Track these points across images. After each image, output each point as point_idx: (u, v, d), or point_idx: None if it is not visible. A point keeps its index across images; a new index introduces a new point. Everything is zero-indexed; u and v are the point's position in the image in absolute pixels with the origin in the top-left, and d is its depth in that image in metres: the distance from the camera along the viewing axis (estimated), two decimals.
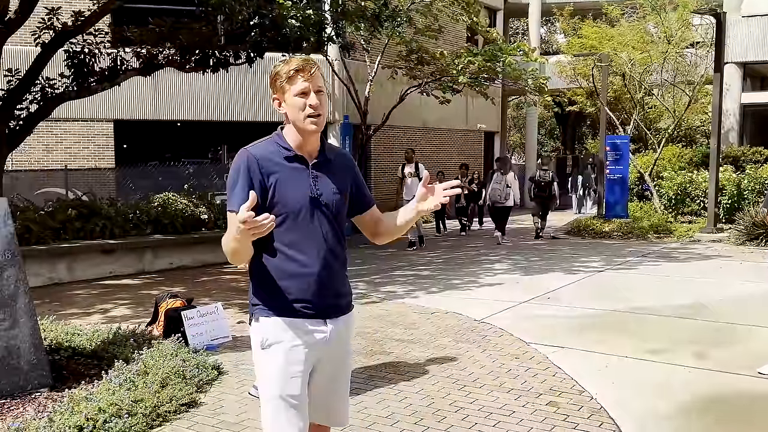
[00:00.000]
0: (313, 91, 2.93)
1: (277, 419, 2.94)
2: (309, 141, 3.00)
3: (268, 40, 12.22)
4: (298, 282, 2.95)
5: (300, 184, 2.95)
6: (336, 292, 3.05)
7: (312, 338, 2.97)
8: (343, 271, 3.09)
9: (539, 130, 40.00)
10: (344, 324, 3.10)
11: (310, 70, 2.92)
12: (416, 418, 5.05)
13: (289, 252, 2.94)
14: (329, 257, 2.99)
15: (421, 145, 25.26)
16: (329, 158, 3.06)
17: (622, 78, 22.15)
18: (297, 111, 2.93)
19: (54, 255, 11.52)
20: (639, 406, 5.27)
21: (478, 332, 7.59)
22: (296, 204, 2.93)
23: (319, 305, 2.98)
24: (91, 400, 4.90)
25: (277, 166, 2.94)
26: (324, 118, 2.98)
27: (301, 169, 2.98)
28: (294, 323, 2.95)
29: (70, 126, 19.80)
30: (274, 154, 2.96)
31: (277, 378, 2.94)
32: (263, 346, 2.98)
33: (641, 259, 13.15)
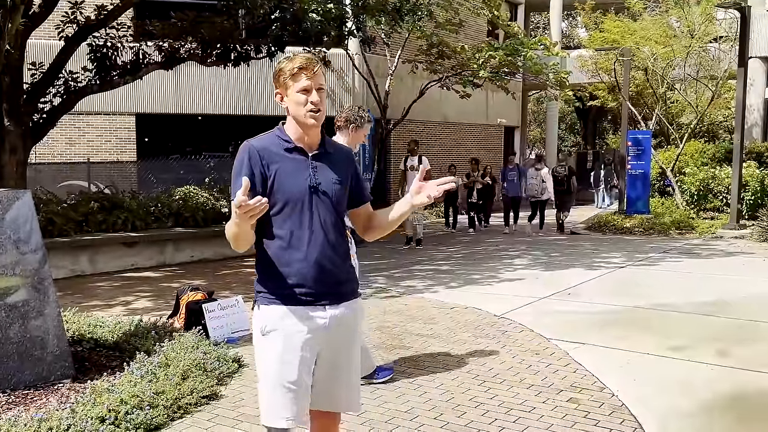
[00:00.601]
0: (314, 89, 3.05)
1: (272, 403, 3.04)
2: (309, 134, 3.12)
3: (289, 34, 12.23)
4: (297, 269, 3.04)
5: (300, 173, 3.06)
6: (336, 279, 3.11)
7: (312, 325, 3.05)
8: (343, 259, 3.16)
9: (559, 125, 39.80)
10: (346, 311, 3.15)
11: (313, 69, 3.04)
12: (436, 412, 5.05)
13: (289, 239, 3.04)
14: (328, 245, 3.07)
15: (440, 139, 25.21)
16: (329, 151, 3.18)
17: (644, 72, 22.01)
18: (298, 106, 3.05)
19: (76, 247, 11.61)
20: (661, 403, 5.23)
21: (498, 327, 7.57)
22: (296, 193, 3.04)
23: (318, 292, 3.06)
24: (113, 391, 4.93)
25: (278, 157, 3.06)
26: (323, 113, 3.09)
27: (301, 159, 3.09)
28: (294, 311, 3.04)
29: (92, 119, 19.92)
30: (275, 145, 3.09)
31: (275, 364, 3.03)
32: (263, 332, 3.08)
33: (663, 256, 13.06)
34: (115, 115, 20.19)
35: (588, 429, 4.73)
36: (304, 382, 3.06)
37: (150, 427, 4.66)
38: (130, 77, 12.53)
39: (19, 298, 5.28)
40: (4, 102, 10.87)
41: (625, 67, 20.06)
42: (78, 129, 19.91)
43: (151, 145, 20.56)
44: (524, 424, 4.80)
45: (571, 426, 4.78)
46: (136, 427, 4.59)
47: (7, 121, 10.86)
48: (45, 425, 4.36)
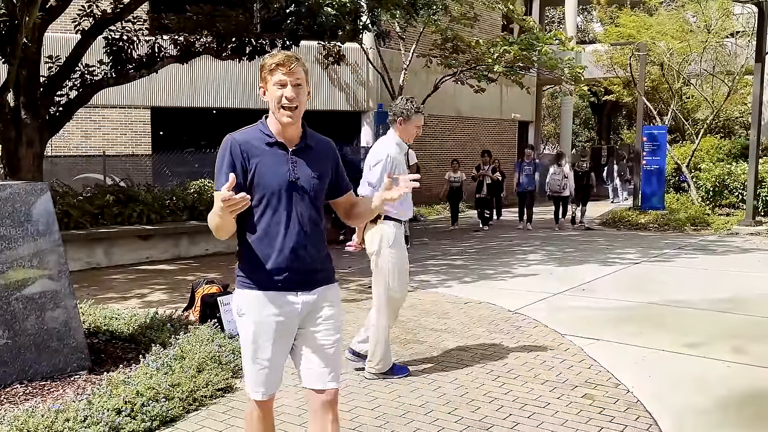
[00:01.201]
0: (290, 84, 3.16)
1: (251, 376, 3.34)
2: (287, 130, 3.24)
3: (304, 28, 12.23)
4: (274, 258, 3.21)
5: (279, 168, 3.20)
6: (310, 268, 3.28)
7: (285, 309, 3.25)
8: (318, 250, 3.33)
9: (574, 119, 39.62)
10: (319, 297, 3.33)
11: (290, 65, 3.15)
12: (450, 407, 5.04)
13: (267, 230, 3.20)
14: (304, 237, 3.24)
15: (454, 134, 25.18)
16: (310, 145, 3.31)
17: (660, 68, 21.89)
18: (275, 101, 3.19)
19: (92, 240, 11.66)
20: (676, 400, 5.20)
21: (512, 323, 7.56)
22: (274, 186, 3.18)
23: (292, 280, 3.23)
24: (129, 383, 4.95)
25: (259, 151, 3.20)
26: (301, 110, 3.22)
27: (280, 154, 3.23)
28: (267, 296, 3.23)
29: (108, 112, 20.02)
30: (256, 139, 3.24)
31: (250, 344, 3.29)
32: (239, 314, 3.33)
33: (678, 252, 13.01)
34: (131, 109, 20.28)
35: (603, 425, 4.71)
36: (277, 361, 3.31)
37: (166, 419, 4.69)
38: (145, 71, 12.58)
39: (36, 290, 5.31)
40: (22, 95, 10.93)
41: (640, 62, 19.96)
42: (94, 122, 20.01)
43: (166, 138, 20.64)
44: (539, 420, 4.79)
45: (586, 422, 4.76)
46: (152, 419, 4.61)
47: (24, 114, 10.92)
48: (62, 416, 4.38)
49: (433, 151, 24.29)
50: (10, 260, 5.20)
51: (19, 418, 4.30)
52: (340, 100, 21.76)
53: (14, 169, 10.89)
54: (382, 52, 19.84)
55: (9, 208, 5.24)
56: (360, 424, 4.74)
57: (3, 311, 5.13)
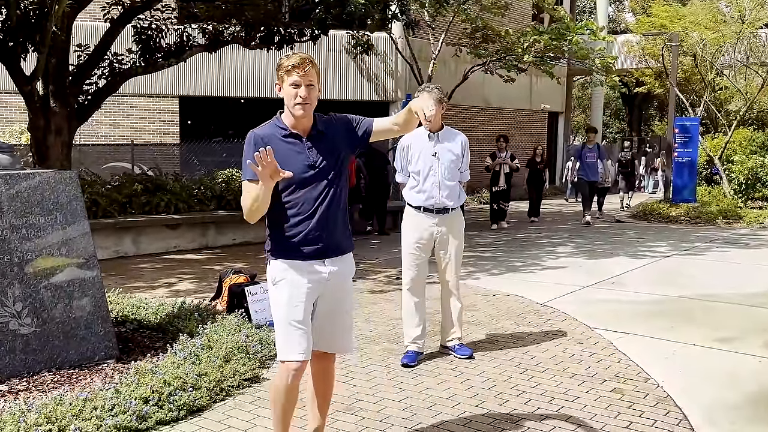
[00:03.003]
0: (304, 85, 3.58)
1: (286, 339, 3.67)
2: (300, 122, 3.67)
3: (333, 17, 12.17)
4: (300, 233, 3.65)
5: (298, 155, 3.64)
6: (332, 240, 3.72)
7: (312, 276, 3.69)
8: (340, 223, 3.76)
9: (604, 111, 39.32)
10: (342, 266, 3.80)
11: (304, 67, 3.57)
12: (477, 400, 5.00)
13: (293, 210, 3.65)
14: (325, 212, 3.67)
15: (483, 125, 25.04)
16: (321, 131, 3.72)
17: (692, 58, 21.63)
18: (290, 98, 3.61)
19: (120, 229, 11.71)
20: (706, 395, 5.14)
21: (541, 316, 7.49)
22: (296, 171, 3.57)
23: (317, 250, 3.68)
24: (157, 372, 4.96)
25: (278, 142, 3.61)
26: (312, 106, 3.63)
27: (297, 143, 3.67)
28: (296, 264, 3.68)
29: (136, 101, 20.11)
30: (274, 133, 3.67)
31: (285, 307, 3.67)
32: (274, 283, 3.74)
33: (709, 245, 12.84)
34: (159, 98, 20.36)
35: (632, 420, 4.65)
36: (308, 324, 3.69)
37: (193, 409, 4.69)
38: (174, 59, 12.59)
39: (64, 279, 5.33)
40: (51, 83, 10.99)
41: (673, 52, 19.72)
42: (122, 111, 20.12)
43: (194, 127, 20.70)
44: (567, 414, 4.74)
45: (615, 416, 4.71)
46: (180, 408, 4.61)
47: (53, 103, 10.98)
48: (90, 404, 4.40)
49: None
50: (38, 248, 5.22)
51: (48, 406, 4.31)
52: (369, 90, 21.71)
53: (43, 157, 10.96)
54: (411, 42, 19.75)
55: (38, 196, 5.26)
56: (387, 416, 4.72)
57: (32, 299, 5.16)
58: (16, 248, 5.13)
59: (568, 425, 4.58)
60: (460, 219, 6.02)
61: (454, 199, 5.87)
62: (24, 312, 5.11)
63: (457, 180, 5.91)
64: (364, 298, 8.39)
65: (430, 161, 5.79)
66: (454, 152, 5.84)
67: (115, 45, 12.14)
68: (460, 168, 5.92)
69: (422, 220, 5.85)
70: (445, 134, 5.90)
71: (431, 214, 5.82)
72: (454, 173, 5.87)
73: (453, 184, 5.85)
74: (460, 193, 5.98)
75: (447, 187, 5.80)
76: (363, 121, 3.87)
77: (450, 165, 5.82)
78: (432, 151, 5.80)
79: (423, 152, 5.82)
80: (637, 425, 4.57)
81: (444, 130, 5.91)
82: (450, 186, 5.82)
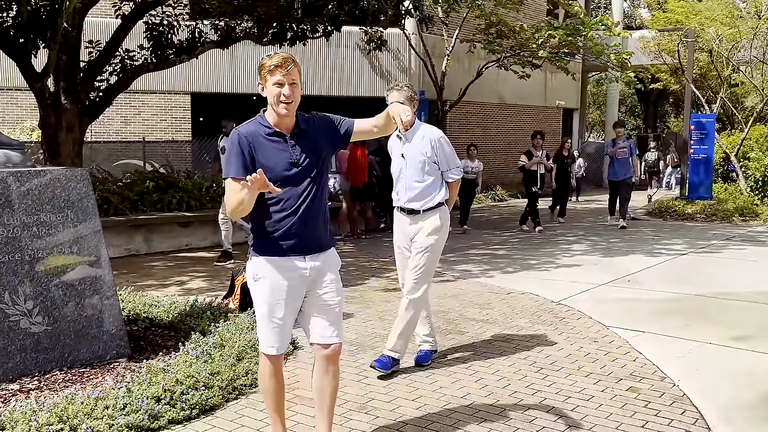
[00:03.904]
0: (287, 84, 3.67)
1: (265, 334, 3.85)
2: (284, 120, 3.76)
3: (346, 13, 12.12)
4: (282, 228, 3.75)
5: (281, 153, 3.73)
6: (314, 236, 3.83)
7: (295, 273, 3.79)
8: (323, 220, 3.88)
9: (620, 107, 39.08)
10: (324, 262, 3.88)
11: (287, 67, 3.67)
12: (492, 399, 4.96)
13: (276, 206, 3.74)
14: (307, 209, 3.78)
15: (497, 121, 24.95)
16: (304, 129, 3.82)
17: (708, 54, 21.47)
18: (274, 97, 3.69)
19: (131, 226, 11.70)
20: (723, 394, 5.10)
21: (555, 314, 7.44)
22: (279, 168, 3.70)
23: (298, 245, 3.78)
24: (169, 371, 4.93)
25: (261, 140, 3.73)
26: (295, 104, 3.73)
27: (280, 141, 3.76)
28: (278, 260, 3.78)
29: (148, 98, 20.09)
30: (258, 131, 3.76)
31: (265, 304, 3.81)
32: (255, 279, 3.85)
33: (726, 243, 12.75)
34: (171, 94, 20.34)
35: (648, 419, 4.62)
36: (288, 320, 3.85)
37: (205, 408, 4.66)
38: (185, 56, 12.53)
39: (75, 277, 5.31)
40: (62, 80, 10.96)
41: (688, 48, 19.56)
42: (133, 108, 20.10)
43: (206, 124, 20.66)
44: (582, 413, 4.71)
45: (631, 415, 4.67)
46: (192, 407, 4.59)
47: (64, 100, 10.95)
48: (101, 403, 4.37)
49: (476, 138, 24.07)
50: (49, 246, 5.20)
51: (59, 405, 4.29)
52: (382, 86, 21.62)
53: (54, 154, 10.93)
54: (425, 38, 19.67)
55: (49, 194, 5.24)
56: (401, 415, 4.69)
57: (43, 298, 5.14)
58: (27, 246, 5.10)
59: (584, 424, 4.54)
60: (433, 221, 5.60)
61: (423, 200, 5.58)
62: (35, 310, 5.08)
63: (429, 181, 5.58)
64: (377, 296, 8.36)
65: (400, 163, 5.64)
66: (423, 152, 5.54)
67: (127, 41, 12.08)
68: (439, 167, 5.62)
69: (400, 220, 5.72)
70: (413, 134, 5.61)
71: (404, 214, 5.67)
72: (424, 174, 5.56)
73: (423, 185, 5.58)
74: (436, 194, 5.62)
75: (414, 188, 5.57)
76: (344, 121, 3.97)
77: (418, 166, 5.55)
78: (401, 152, 5.65)
79: (395, 154, 5.71)
80: (653, 424, 4.54)
81: (413, 130, 5.60)
82: (419, 187, 5.57)
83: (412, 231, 5.63)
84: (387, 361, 5.54)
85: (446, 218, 5.70)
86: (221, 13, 12.67)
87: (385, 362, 5.53)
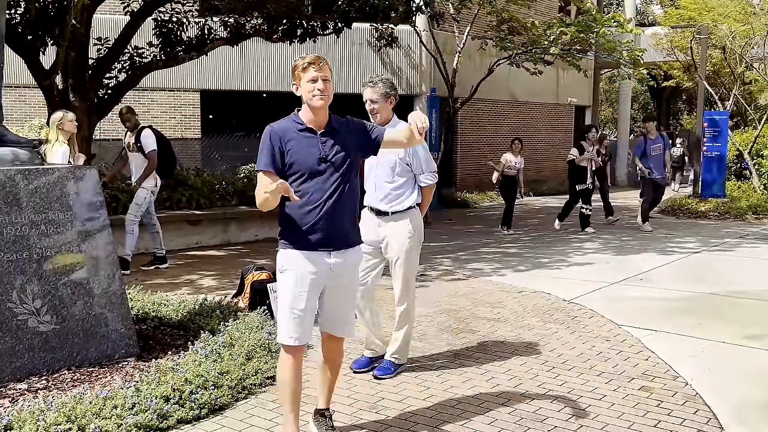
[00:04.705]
0: (321, 79, 3.86)
1: (286, 325, 3.96)
2: (317, 115, 3.95)
3: (356, 9, 12.08)
4: (311, 222, 3.89)
5: (311, 148, 3.90)
6: (340, 231, 3.97)
7: (319, 267, 3.94)
8: (349, 215, 4.03)
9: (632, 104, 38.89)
10: (347, 257, 4.03)
11: (320, 63, 3.88)
12: (503, 399, 4.93)
13: (304, 199, 3.87)
14: (333, 204, 3.91)
15: (508, 119, 24.85)
16: (335, 128, 4.00)
17: (721, 51, 21.33)
18: (308, 92, 3.88)
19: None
20: (736, 393, 5.07)
21: (567, 313, 7.39)
22: (308, 163, 3.88)
23: (323, 240, 3.92)
24: (178, 370, 4.91)
25: (293, 136, 3.92)
26: (329, 98, 3.90)
27: (311, 137, 3.93)
28: (304, 254, 3.92)
29: (157, 96, 20.04)
30: (290, 127, 3.96)
31: (289, 295, 3.94)
32: (281, 271, 4.00)
33: (739, 241, 12.66)
34: (180, 92, 20.29)
35: (661, 418, 4.58)
36: (310, 312, 3.97)
37: (214, 407, 4.64)
38: (195, 53, 12.50)
39: (84, 275, 5.28)
40: (70, 77, 10.95)
41: (701, 45, 19.45)
42: (142, 105, 20.00)
43: (215, 122, 20.64)
44: (594, 413, 4.67)
45: (643, 415, 4.64)
46: (201, 406, 4.56)
47: (72, 97, 10.94)
48: (110, 403, 4.35)
49: (487, 136, 24.01)
50: (58, 245, 5.17)
51: (67, 405, 4.27)
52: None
53: None
54: (436, 35, 19.58)
55: (57, 192, 5.21)
56: (412, 414, 4.66)
57: (51, 296, 5.11)
58: (35, 244, 5.07)
59: (596, 424, 4.50)
60: (404, 225, 5.35)
61: (392, 202, 5.35)
62: (43, 309, 5.05)
63: (399, 182, 5.35)
64: (388, 294, 8.28)
65: (372, 161, 5.32)
66: (395, 152, 5.23)
67: (136, 38, 12.05)
68: (412, 170, 5.37)
69: (368, 219, 5.41)
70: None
71: (373, 214, 5.44)
72: (394, 175, 5.34)
73: (393, 186, 5.34)
74: (407, 198, 5.38)
75: (383, 189, 5.35)
76: (376, 128, 4.16)
77: (389, 166, 5.32)
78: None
79: None
80: (666, 424, 4.51)
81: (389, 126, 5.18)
82: (388, 188, 5.35)
83: (381, 233, 5.38)
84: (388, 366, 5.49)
85: (419, 223, 5.43)
86: (231, 9, 12.63)
87: (386, 368, 5.48)
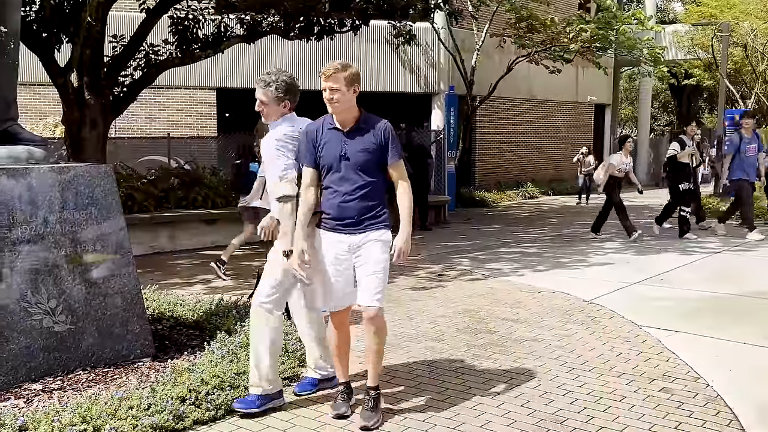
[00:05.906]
0: (328, 89, 4.36)
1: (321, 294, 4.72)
2: (338, 118, 4.47)
3: (374, 7, 12.02)
4: (331, 209, 4.50)
5: (335, 145, 4.45)
6: (356, 218, 4.45)
7: (338, 247, 4.49)
8: (363, 205, 4.44)
9: (653, 103, 38.64)
10: (363, 238, 4.46)
11: (328, 74, 4.35)
12: (522, 400, 4.89)
13: (328, 189, 4.51)
14: (350, 195, 4.44)
15: (527, 117, 24.75)
16: (362, 127, 4.47)
17: (743, 49, 21.15)
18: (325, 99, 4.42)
19: (156, 224, 11.68)
20: (758, 394, 5.01)
21: (587, 313, 7.32)
22: (332, 158, 4.46)
23: (342, 225, 4.47)
24: (194, 371, 4.88)
25: (324, 133, 4.49)
26: (339, 104, 4.37)
27: (338, 135, 4.47)
28: (330, 235, 4.52)
29: (173, 94, 20.05)
30: (324, 126, 4.51)
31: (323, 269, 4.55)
32: (317, 248, 4.56)
33: (761, 241, 12.51)
34: (196, 90, 20.30)
35: (681, 420, 4.53)
36: (337, 283, 4.53)
37: (231, 408, 4.60)
38: (211, 51, 12.43)
39: (99, 275, 5.26)
40: (85, 75, 10.91)
41: (723, 43, 19.28)
42: (158, 103, 20.06)
43: (231, 120, 20.62)
44: (614, 414, 4.63)
45: (663, 416, 4.58)
46: (217, 407, 4.54)
47: (87, 95, 10.90)
48: (125, 404, 4.32)
49: (506, 134, 23.93)
50: (73, 244, 5.14)
51: (83, 405, 4.23)
52: (411, 82, 21.53)
53: (78, 150, 10.89)
54: (454, 32, 19.54)
55: (72, 191, 5.18)
56: (430, 416, 4.61)
57: (66, 296, 5.08)
58: (50, 244, 5.03)
59: (616, 425, 4.46)
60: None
61: None
62: (58, 309, 5.03)
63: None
64: (405, 295, 8.27)
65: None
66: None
67: (151, 36, 11.96)
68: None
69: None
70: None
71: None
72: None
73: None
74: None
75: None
76: (393, 150, 4.49)
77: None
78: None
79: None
80: (687, 425, 4.47)
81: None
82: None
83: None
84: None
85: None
86: (247, 7, 12.56)
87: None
